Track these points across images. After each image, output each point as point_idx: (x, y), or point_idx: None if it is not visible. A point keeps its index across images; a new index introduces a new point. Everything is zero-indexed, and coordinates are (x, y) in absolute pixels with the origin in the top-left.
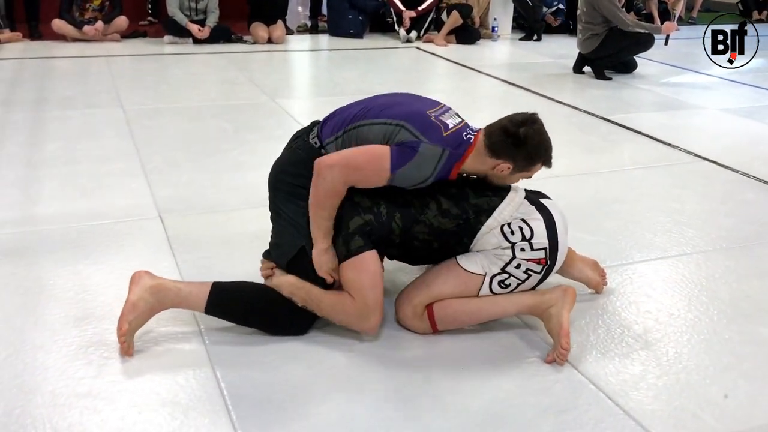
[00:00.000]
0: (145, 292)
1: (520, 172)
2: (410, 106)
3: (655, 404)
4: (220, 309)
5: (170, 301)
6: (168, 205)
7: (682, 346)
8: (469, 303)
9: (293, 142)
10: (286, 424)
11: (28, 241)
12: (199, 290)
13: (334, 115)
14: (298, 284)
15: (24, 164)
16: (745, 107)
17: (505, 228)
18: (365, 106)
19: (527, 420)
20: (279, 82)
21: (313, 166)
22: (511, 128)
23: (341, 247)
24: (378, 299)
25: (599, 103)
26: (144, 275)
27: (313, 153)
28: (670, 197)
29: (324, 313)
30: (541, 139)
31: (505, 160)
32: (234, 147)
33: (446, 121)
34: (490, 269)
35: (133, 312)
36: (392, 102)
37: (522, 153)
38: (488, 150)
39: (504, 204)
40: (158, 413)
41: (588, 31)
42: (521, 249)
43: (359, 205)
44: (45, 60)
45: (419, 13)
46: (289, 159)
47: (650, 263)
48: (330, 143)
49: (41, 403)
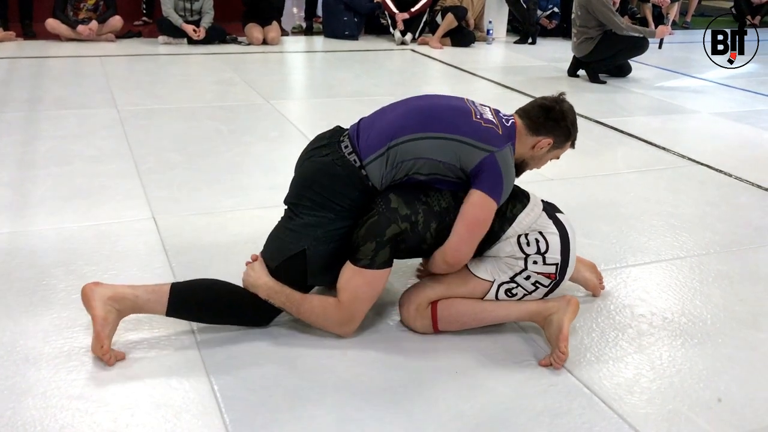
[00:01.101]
0: (106, 303)
1: (557, 149)
2: (454, 115)
3: (648, 408)
4: (182, 311)
5: (128, 309)
6: (162, 207)
7: (676, 350)
8: (473, 305)
9: (321, 150)
10: (279, 426)
11: (20, 242)
12: (159, 296)
13: (369, 126)
14: (276, 288)
15: (17, 164)
16: (739, 111)
17: (521, 238)
18: (404, 116)
19: (522, 424)
20: (274, 83)
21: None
22: (549, 104)
23: (369, 252)
24: (364, 313)
25: (593, 106)
26: (94, 287)
27: (354, 174)
28: (664, 201)
29: (301, 317)
30: (574, 114)
31: (545, 136)
32: (229, 148)
33: (490, 118)
34: (499, 277)
35: (106, 326)
36: (429, 110)
37: (561, 128)
38: (528, 129)
39: (524, 213)
40: (151, 416)
41: (582, 34)
42: (534, 261)
43: (397, 212)
44: (39, 60)
45: (412, 15)
46: (327, 171)
47: (644, 267)
48: (372, 162)
49: (33, 405)
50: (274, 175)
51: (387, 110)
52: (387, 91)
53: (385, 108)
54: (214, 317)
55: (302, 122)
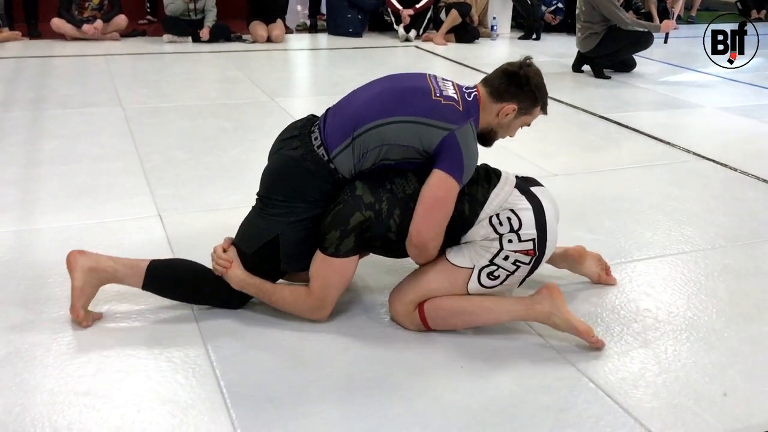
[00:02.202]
0: (86, 274)
1: (524, 114)
2: (415, 96)
3: (654, 402)
4: (158, 287)
5: (107, 279)
6: (167, 204)
7: (681, 344)
8: (460, 304)
9: (291, 141)
10: (285, 423)
11: (27, 240)
12: (136, 271)
13: (333, 117)
14: (248, 279)
15: (23, 163)
16: (744, 106)
17: (493, 219)
18: (364, 105)
19: (527, 418)
20: (278, 81)
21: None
22: (512, 69)
23: (334, 240)
24: (335, 299)
25: (598, 101)
26: (78, 256)
27: (323, 168)
28: (669, 195)
29: (274, 305)
30: (540, 78)
31: (509, 101)
32: (233, 146)
33: (450, 95)
34: (478, 262)
35: (82, 297)
36: (391, 92)
37: (525, 92)
38: (491, 97)
39: (494, 193)
40: (157, 411)
41: (587, 30)
42: (509, 240)
43: (361, 200)
44: (44, 59)
45: (417, 11)
46: (297, 165)
47: (649, 261)
48: (339, 154)
49: (41, 401)
50: None
51: (350, 98)
52: None
53: (349, 95)
54: (187, 295)
55: None
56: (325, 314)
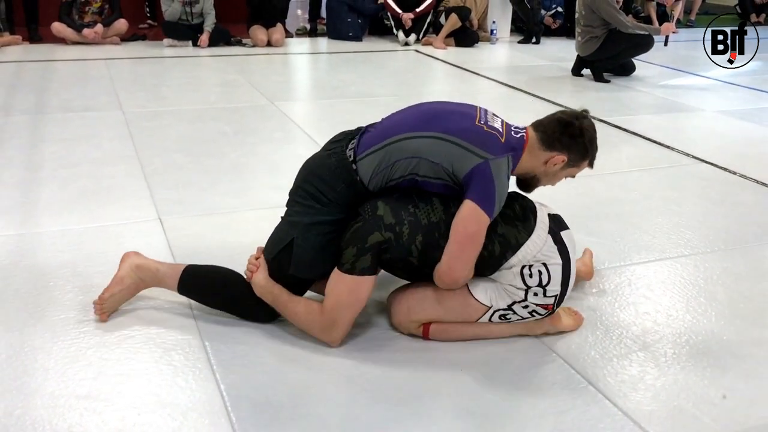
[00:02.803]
0: (130, 269)
1: (571, 167)
2: (457, 117)
3: (653, 405)
4: (191, 290)
5: (150, 279)
6: (168, 208)
7: (681, 347)
8: (468, 329)
9: (332, 145)
10: (285, 425)
11: (28, 243)
12: (174, 271)
13: (374, 128)
14: (268, 287)
15: (24, 167)
16: (743, 109)
17: (525, 270)
18: (406, 117)
19: (527, 420)
20: (278, 84)
21: (352, 186)
22: (568, 119)
23: (350, 257)
24: (350, 322)
25: (597, 105)
26: (132, 255)
27: (343, 165)
28: (668, 199)
29: (288, 318)
30: (594, 133)
31: (560, 152)
32: (234, 149)
33: (495, 126)
34: (497, 303)
35: (119, 285)
36: (432, 112)
37: (577, 145)
38: (542, 143)
39: (530, 241)
40: (158, 414)
41: (587, 33)
42: (534, 294)
43: (382, 220)
44: (45, 63)
45: (417, 15)
46: (321, 163)
47: (648, 265)
48: (366, 156)
49: (41, 404)
50: (278, 175)
51: (393, 114)
52: (391, 92)
53: (394, 112)
54: (218, 304)
55: (307, 123)
56: (336, 337)
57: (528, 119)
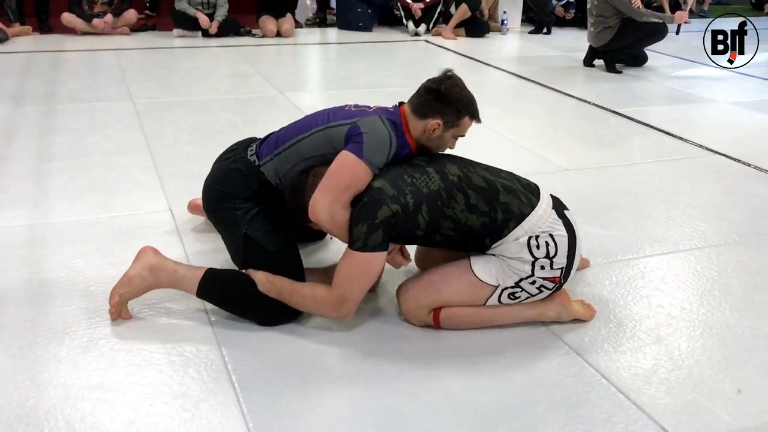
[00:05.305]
0: (144, 269)
1: (452, 128)
2: (327, 111)
3: (667, 398)
4: (210, 294)
5: (166, 281)
6: (178, 198)
7: (695, 341)
8: (477, 313)
9: (229, 154)
10: (296, 417)
11: (39, 234)
12: (193, 274)
13: (270, 137)
14: (269, 281)
15: (34, 157)
16: (756, 100)
17: (531, 240)
18: (297, 125)
19: (539, 414)
20: (288, 75)
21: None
22: (431, 85)
23: (361, 234)
24: (359, 297)
25: (610, 96)
26: (149, 251)
27: (252, 170)
28: (681, 191)
29: (296, 306)
30: (461, 91)
31: (432, 117)
32: None
33: (364, 106)
34: (504, 281)
35: (127, 286)
36: (310, 115)
37: (446, 105)
38: (415, 114)
39: (534, 212)
40: (170, 405)
41: (600, 24)
42: (541, 266)
43: (384, 192)
44: (55, 53)
45: (427, 5)
46: (229, 167)
47: (662, 257)
48: (268, 162)
49: (54, 395)
50: None
51: (292, 122)
52: (401, 83)
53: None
54: (235, 309)
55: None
56: (348, 311)
57: (538, 110)
